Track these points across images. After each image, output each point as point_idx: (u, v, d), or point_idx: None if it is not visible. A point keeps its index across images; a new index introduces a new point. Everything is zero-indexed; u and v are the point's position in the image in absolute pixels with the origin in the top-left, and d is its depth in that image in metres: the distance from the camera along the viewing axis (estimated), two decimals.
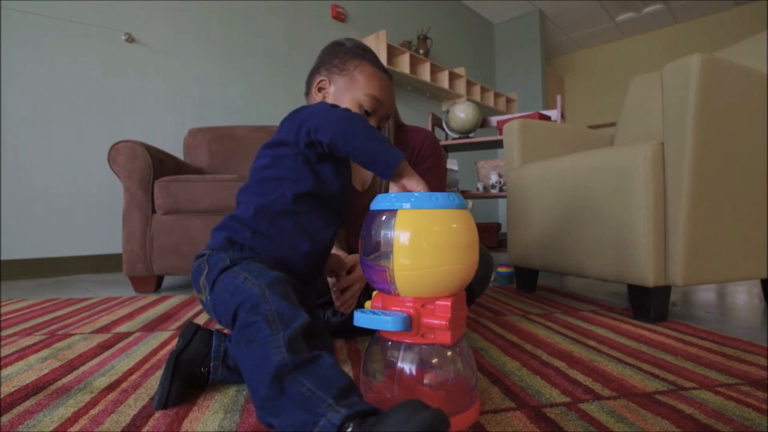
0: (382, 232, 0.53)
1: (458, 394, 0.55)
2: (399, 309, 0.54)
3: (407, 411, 0.38)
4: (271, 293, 0.53)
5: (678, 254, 1.03)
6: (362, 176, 1.04)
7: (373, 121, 0.74)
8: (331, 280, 0.88)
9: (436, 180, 1.04)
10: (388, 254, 0.52)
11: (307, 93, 0.79)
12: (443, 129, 2.52)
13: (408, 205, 0.53)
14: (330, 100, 0.74)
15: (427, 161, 1.03)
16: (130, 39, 2.30)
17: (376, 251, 0.54)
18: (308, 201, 0.65)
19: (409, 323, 0.52)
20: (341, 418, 0.40)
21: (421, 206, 0.52)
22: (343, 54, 0.76)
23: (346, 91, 0.74)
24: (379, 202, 0.56)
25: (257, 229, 0.64)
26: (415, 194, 0.53)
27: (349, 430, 0.39)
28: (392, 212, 0.53)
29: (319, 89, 0.76)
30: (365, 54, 0.77)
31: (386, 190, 0.97)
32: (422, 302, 0.53)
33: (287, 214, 0.64)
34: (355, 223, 1.00)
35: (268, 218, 0.64)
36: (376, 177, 0.99)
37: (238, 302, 0.54)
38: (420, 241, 0.51)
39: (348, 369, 0.76)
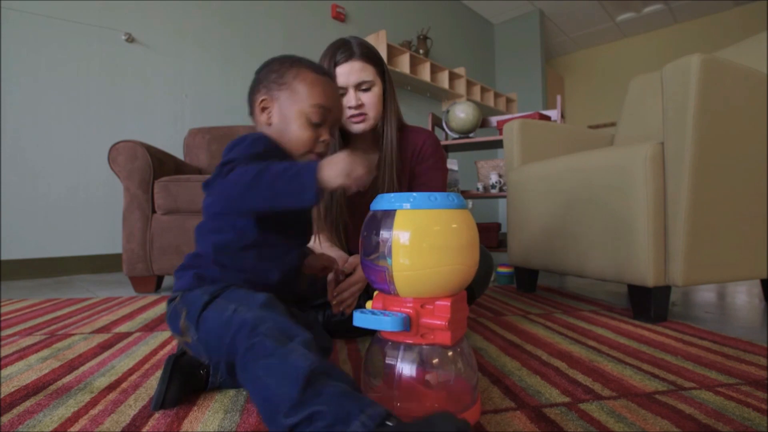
0: (382, 233, 0.53)
1: (459, 394, 0.55)
2: (399, 309, 0.54)
3: (437, 419, 0.40)
4: (266, 311, 0.52)
5: (678, 254, 1.03)
6: None
7: (324, 131, 0.69)
8: (329, 278, 0.88)
9: (437, 179, 1.04)
10: (387, 255, 0.52)
11: (251, 113, 0.73)
12: (443, 129, 2.52)
13: (407, 206, 0.53)
14: (275, 119, 0.68)
15: (428, 161, 1.04)
16: (130, 39, 2.30)
17: (376, 252, 0.54)
18: (263, 231, 0.65)
19: (408, 324, 0.52)
20: (384, 411, 0.40)
21: (421, 206, 0.52)
22: (278, 65, 0.70)
23: (291, 106, 0.68)
24: (378, 203, 0.56)
25: (223, 263, 0.64)
26: (414, 194, 0.53)
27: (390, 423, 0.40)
28: (392, 212, 0.53)
29: (263, 109, 0.70)
30: (302, 60, 0.72)
31: (388, 190, 0.97)
32: (422, 302, 0.54)
33: (246, 248, 0.64)
34: (357, 223, 1.00)
35: (230, 254, 0.64)
36: (376, 177, 0.99)
37: (233, 332, 0.51)
38: (419, 241, 0.51)
39: (348, 369, 0.76)
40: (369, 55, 0.94)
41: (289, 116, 0.68)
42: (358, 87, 0.93)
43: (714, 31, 4.67)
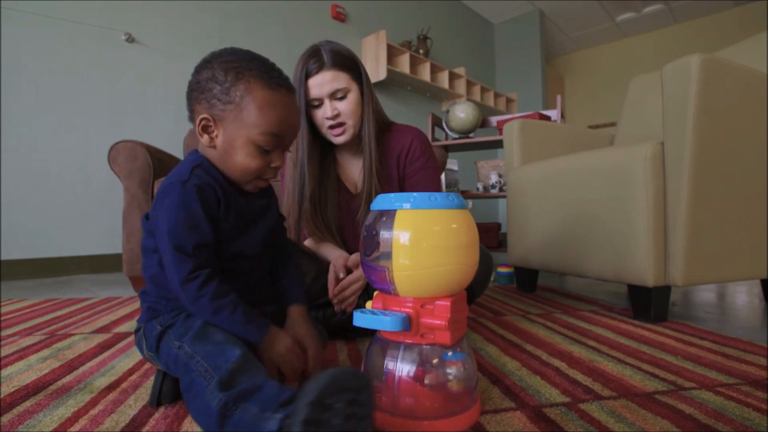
0: (382, 233, 0.53)
1: (459, 394, 0.55)
2: (399, 309, 0.54)
3: (323, 373, 0.42)
4: (196, 346, 0.53)
5: (678, 254, 1.03)
6: (354, 178, 1.03)
7: (276, 156, 0.61)
8: (330, 276, 0.88)
9: (429, 179, 1.01)
10: (387, 254, 0.52)
11: (191, 119, 0.62)
12: (443, 129, 2.52)
13: (408, 206, 0.53)
14: (219, 147, 0.60)
15: (418, 161, 1.00)
16: (130, 39, 2.30)
17: (376, 251, 0.54)
18: None
19: (408, 323, 0.52)
20: (278, 422, 0.42)
21: (421, 206, 0.52)
22: (223, 74, 0.59)
23: (236, 130, 0.58)
24: (379, 203, 0.56)
25: (167, 297, 0.62)
26: (414, 194, 0.53)
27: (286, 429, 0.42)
28: (392, 212, 0.53)
29: (204, 129, 0.60)
30: (251, 67, 0.59)
31: (368, 194, 0.95)
32: (422, 302, 0.54)
33: None
34: (350, 224, 1.00)
35: (167, 287, 0.60)
36: (366, 180, 0.98)
37: (178, 371, 0.55)
38: (419, 241, 0.51)
39: None
40: (341, 62, 0.90)
41: (234, 144, 0.59)
42: (333, 96, 0.90)
43: (714, 31, 4.67)
